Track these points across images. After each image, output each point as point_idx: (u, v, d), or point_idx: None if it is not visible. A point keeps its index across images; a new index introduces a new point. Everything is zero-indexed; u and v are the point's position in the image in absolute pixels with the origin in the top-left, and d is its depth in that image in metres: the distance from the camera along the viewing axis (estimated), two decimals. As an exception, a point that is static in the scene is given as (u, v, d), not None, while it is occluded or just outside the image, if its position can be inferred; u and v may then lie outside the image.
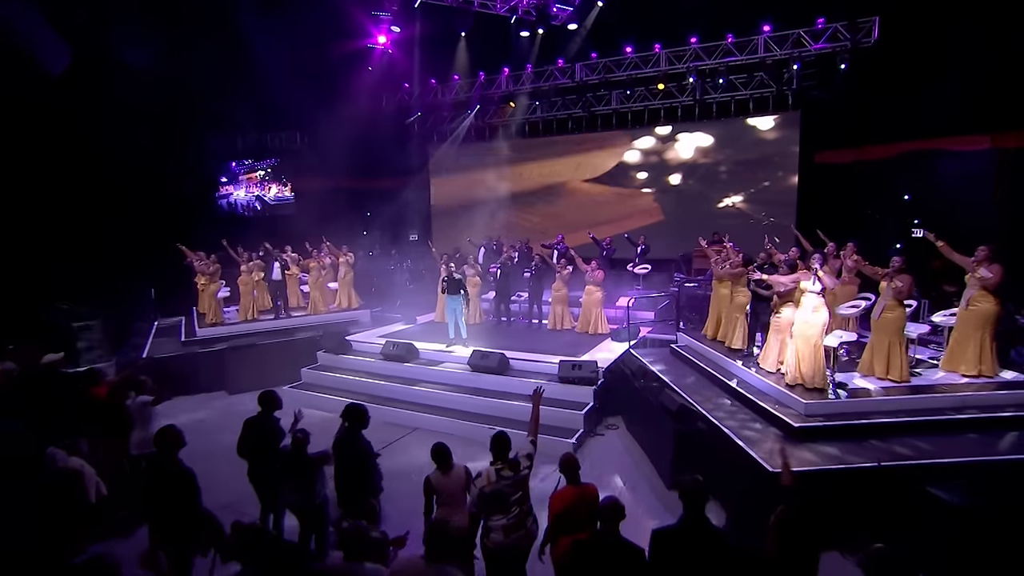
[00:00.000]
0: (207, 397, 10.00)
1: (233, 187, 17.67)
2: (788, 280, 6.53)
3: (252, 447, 4.83)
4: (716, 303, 8.73)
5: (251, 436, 4.86)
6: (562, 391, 7.98)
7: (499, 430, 4.08)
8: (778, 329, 6.80)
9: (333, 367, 10.12)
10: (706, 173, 14.65)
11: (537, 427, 4.19)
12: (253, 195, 17.83)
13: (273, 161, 17.68)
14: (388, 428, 8.29)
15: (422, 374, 9.22)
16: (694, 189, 14.85)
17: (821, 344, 6.14)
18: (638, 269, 12.92)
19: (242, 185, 17.67)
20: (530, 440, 4.02)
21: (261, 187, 17.88)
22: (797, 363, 6.20)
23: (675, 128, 14.82)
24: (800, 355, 6.17)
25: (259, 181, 17.89)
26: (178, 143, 15.23)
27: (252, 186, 17.77)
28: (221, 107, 15.33)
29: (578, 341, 10.06)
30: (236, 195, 17.68)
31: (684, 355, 8.49)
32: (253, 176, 17.70)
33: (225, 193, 17.68)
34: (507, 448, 3.93)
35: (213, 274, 11.43)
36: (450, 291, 9.67)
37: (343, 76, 15.88)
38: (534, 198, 17.00)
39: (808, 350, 6.12)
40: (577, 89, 15.23)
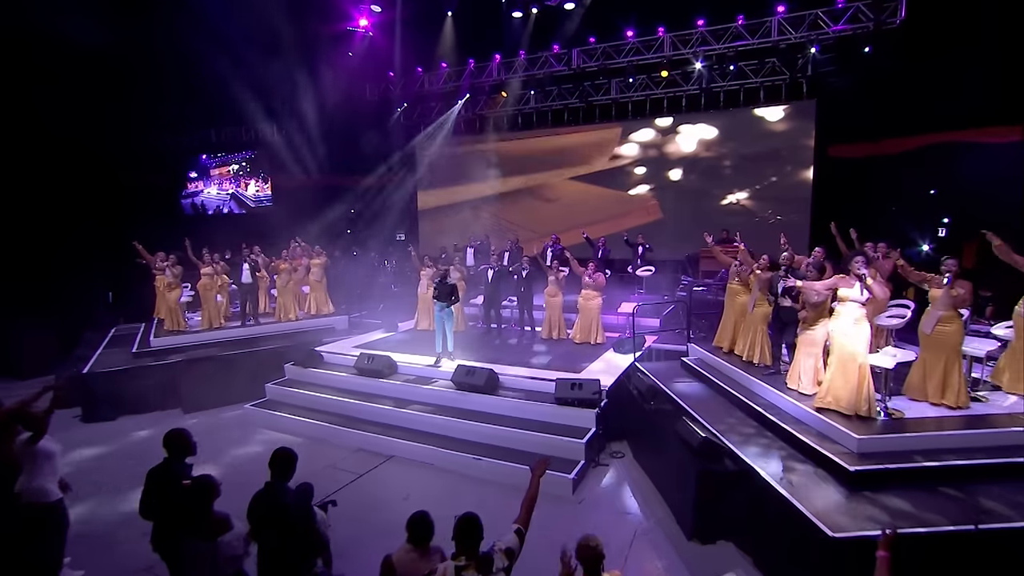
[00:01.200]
0: (159, 416, 8.86)
1: (203, 183, 16.46)
2: (823, 287, 5.52)
3: (155, 506, 3.72)
4: (731, 311, 7.72)
5: (153, 491, 3.74)
6: (559, 414, 6.93)
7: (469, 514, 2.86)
8: (810, 344, 5.79)
9: (302, 382, 9.03)
10: (709, 168, 13.65)
11: (531, 511, 3.02)
12: (227, 192, 16.63)
13: (248, 154, 16.51)
14: (360, 456, 7.26)
15: (401, 392, 8.14)
16: (695, 185, 13.84)
17: (867, 364, 5.13)
18: (641, 271, 11.89)
19: (213, 181, 16.47)
20: (515, 529, 2.88)
21: (236, 183, 16.70)
22: (833, 385, 5.20)
23: (676, 120, 13.82)
24: (840, 377, 5.16)
25: (233, 176, 16.72)
26: (139, 131, 14.05)
27: (225, 182, 16.58)
28: (188, 94, 14.17)
29: (575, 352, 9.02)
30: (207, 192, 16.47)
31: (698, 371, 7.47)
32: (225, 170, 16.51)
33: (193, 190, 16.47)
34: (477, 537, 2.76)
35: (174, 277, 10.28)
36: (440, 297, 8.53)
37: (322, 63, 14.75)
38: (527, 195, 15.93)
39: (851, 371, 5.11)
40: (574, 77, 14.18)
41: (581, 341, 9.49)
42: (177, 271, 10.22)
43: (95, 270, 12.61)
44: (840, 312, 5.23)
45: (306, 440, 7.78)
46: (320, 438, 7.76)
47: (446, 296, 8.48)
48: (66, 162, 12.77)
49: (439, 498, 6.08)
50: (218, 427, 8.36)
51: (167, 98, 13.96)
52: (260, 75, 14.05)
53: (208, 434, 7.99)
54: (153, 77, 13.43)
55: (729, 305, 7.78)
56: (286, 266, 11.22)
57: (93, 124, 13.11)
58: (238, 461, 7.12)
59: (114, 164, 14.00)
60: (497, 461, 6.41)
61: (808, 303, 5.70)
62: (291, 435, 7.96)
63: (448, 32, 14.04)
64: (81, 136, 12.87)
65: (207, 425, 8.44)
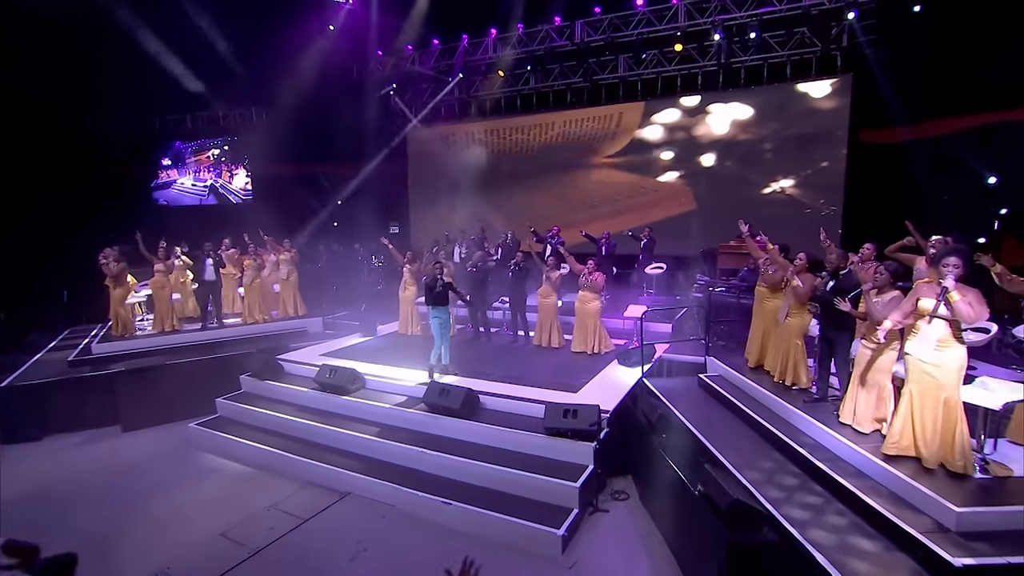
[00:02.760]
0: (92, 435, 7.75)
1: (178, 171, 15.28)
2: (906, 311, 4.06)
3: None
4: (760, 319, 6.40)
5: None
6: (549, 447, 5.66)
7: None
8: (874, 370, 4.46)
9: (258, 397, 7.84)
10: (747, 152, 12.04)
11: None
12: (204, 184, 15.43)
13: (226, 139, 15.31)
14: (310, 493, 6.04)
15: (365, 413, 6.91)
16: (733, 171, 12.23)
17: (960, 401, 3.81)
18: (650, 269, 10.57)
19: (189, 169, 15.29)
20: None
21: (216, 172, 15.52)
22: (911, 427, 3.89)
23: (705, 98, 12.24)
24: (921, 417, 3.85)
25: (214, 164, 15.53)
26: (103, 113, 12.88)
27: (203, 170, 15.39)
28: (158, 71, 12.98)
29: (573, 365, 7.75)
30: (180, 183, 15.29)
31: (719, 392, 6.16)
32: (204, 157, 15.32)
33: (166, 180, 15.29)
34: None
35: (118, 275, 9.10)
36: (435, 301, 7.24)
37: (303, 39, 13.50)
38: (532, 184, 14.53)
39: (937, 411, 3.80)
40: (577, 53, 12.80)
41: (580, 350, 8.22)
42: (120, 268, 9.03)
43: (50, 265, 11.50)
44: (920, 330, 3.90)
45: (253, 469, 6.61)
46: (269, 467, 6.56)
47: (442, 299, 7.21)
48: (17, 145, 11.64)
49: (394, 553, 4.88)
50: (153, 451, 7.19)
51: (132, 75, 12.76)
52: (235, 51, 12.87)
53: (140, 462, 6.91)
54: (116, 51, 12.23)
55: (758, 312, 6.46)
56: (251, 262, 10.01)
57: (48, 103, 12.01)
58: (162, 507, 5.89)
59: (75, 149, 12.86)
60: (469, 507, 5.16)
61: (873, 317, 4.37)
62: (237, 462, 6.79)
63: (438, 4, 12.70)
64: (34, 117, 11.77)
65: (142, 449, 7.28)
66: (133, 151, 14.70)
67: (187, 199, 15.36)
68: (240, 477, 6.47)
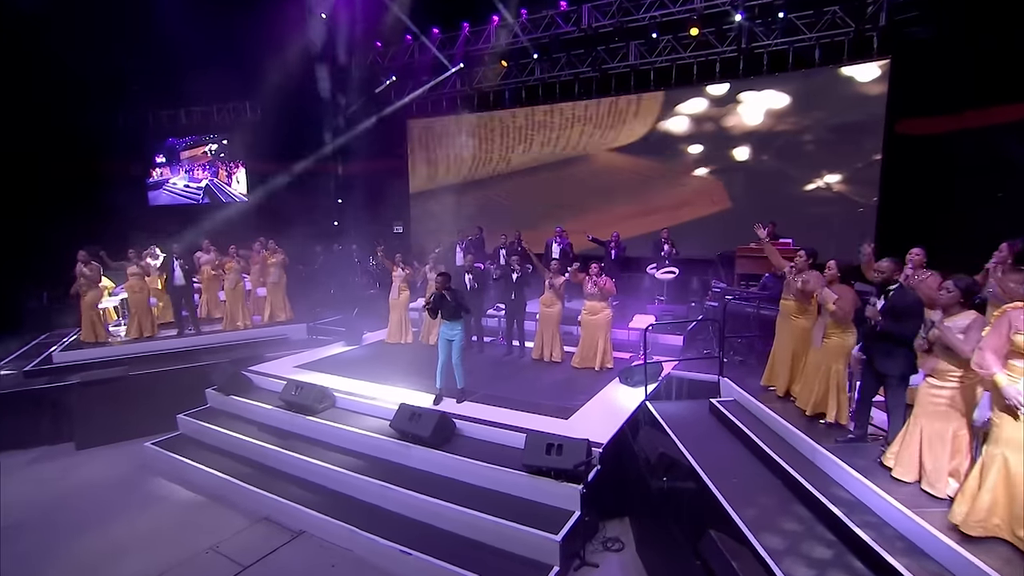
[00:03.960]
0: (45, 452, 7.17)
1: (171, 170, 14.80)
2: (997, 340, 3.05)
3: None
4: (786, 338, 5.47)
5: None
6: (530, 487, 4.83)
7: None
8: (942, 416, 3.52)
9: (223, 413, 7.17)
10: (786, 144, 10.82)
11: None
12: (200, 182, 14.91)
13: (221, 136, 14.78)
14: (261, 531, 5.32)
15: (331, 436, 6.16)
16: (771, 166, 11.00)
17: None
18: (661, 274, 9.63)
19: (182, 167, 14.80)
20: None
21: (212, 171, 15.00)
22: (997, 497, 2.96)
23: (734, 86, 11.07)
24: (1012, 484, 2.92)
25: (208, 162, 15.01)
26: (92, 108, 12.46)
27: (197, 169, 14.88)
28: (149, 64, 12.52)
29: (571, 382, 6.90)
30: (172, 183, 14.81)
31: (734, 423, 5.25)
32: (197, 153, 14.80)
33: (160, 179, 14.82)
34: None
35: (90, 278, 8.53)
36: (446, 315, 6.18)
37: (297, 31, 12.89)
38: (540, 181, 13.57)
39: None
40: (585, 40, 11.89)
41: (582, 366, 7.35)
42: (91, 271, 8.46)
43: (29, 265, 11.06)
44: (1013, 369, 2.97)
45: (205, 499, 5.92)
46: (222, 496, 5.86)
47: (454, 313, 6.15)
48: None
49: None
50: (104, 473, 6.57)
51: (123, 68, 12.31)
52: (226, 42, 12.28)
53: (86, 485, 6.30)
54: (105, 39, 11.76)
55: (783, 329, 5.53)
56: (232, 265, 9.37)
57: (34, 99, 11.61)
58: (96, 541, 5.22)
59: (66, 145, 12.46)
60: (432, 560, 4.37)
61: (940, 346, 3.44)
62: (189, 489, 6.12)
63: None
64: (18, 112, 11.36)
65: (92, 470, 6.67)
66: (126, 148, 14.26)
67: (180, 201, 14.86)
68: (189, 507, 5.78)
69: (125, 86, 13.66)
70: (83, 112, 12.92)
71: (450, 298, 6.08)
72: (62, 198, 12.29)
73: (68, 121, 12.68)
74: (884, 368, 4.00)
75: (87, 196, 12.91)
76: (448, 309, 6.10)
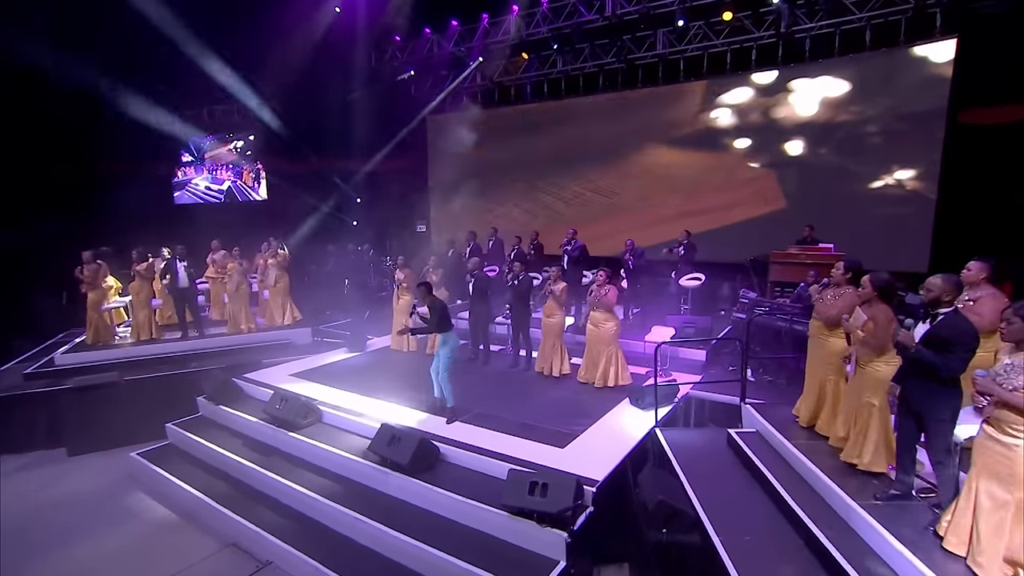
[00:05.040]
0: (39, 458, 7.06)
1: (195, 170, 14.87)
2: None
3: None
4: (817, 364, 4.71)
5: None
6: (511, 529, 4.25)
7: None
8: (998, 480, 2.77)
9: (212, 424, 6.89)
10: (847, 137, 9.65)
11: None
12: (222, 183, 14.92)
13: (243, 135, 14.73)
14: (230, 557, 4.96)
15: (312, 456, 5.75)
16: (829, 162, 9.88)
17: None
18: (685, 280, 8.86)
19: (206, 166, 14.84)
20: None
21: (235, 171, 14.98)
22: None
23: (784, 73, 10.05)
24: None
25: (233, 162, 15.00)
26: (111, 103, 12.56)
27: (220, 169, 14.89)
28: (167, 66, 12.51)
29: (575, 400, 6.30)
30: (196, 182, 14.88)
31: (753, 462, 4.52)
32: (223, 151, 14.79)
33: (184, 178, 14.92)
34: None
35: (93, 279, 8.44)
36: (438, 327, 5.79)
37: (315, 26, 12.63)
38: (566, 180, 12.89)
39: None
40: (610, 29, 11.15)
41: (587, 381, 6.72)
42: (94, 272, 8.36)
43: (51, 264, 11.18)
44: None
45: (179, 520, 5.60)
46: (196, 517, 5.53)
47: (432, 323, 5.71)
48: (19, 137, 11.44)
49: None
50: (90, 484, 6.37)
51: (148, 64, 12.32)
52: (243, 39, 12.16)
53: (68, 496, 6.10)
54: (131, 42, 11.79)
55: (814, 353, 4.76)
56: (234, 266, 9.14)
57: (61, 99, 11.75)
58: (59, 563, 4.96)
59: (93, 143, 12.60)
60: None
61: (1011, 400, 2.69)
62: (165, 507, 5.83)
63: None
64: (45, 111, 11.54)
65: (79, 479, 6.48)
66: (152, 147, 14.37)
67: (201, 201, 14.93)
68: (161, 528, 5.47)
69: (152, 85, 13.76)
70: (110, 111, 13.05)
71: (427, 311, 5.63)
72: (86, 197, 12.42)
73: (93, 121, 12.81)
74: (921, 408, 3.24)
75: (112, 195, 13.04)
76: (429, 324, 5.62)
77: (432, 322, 5.64)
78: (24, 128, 11.63)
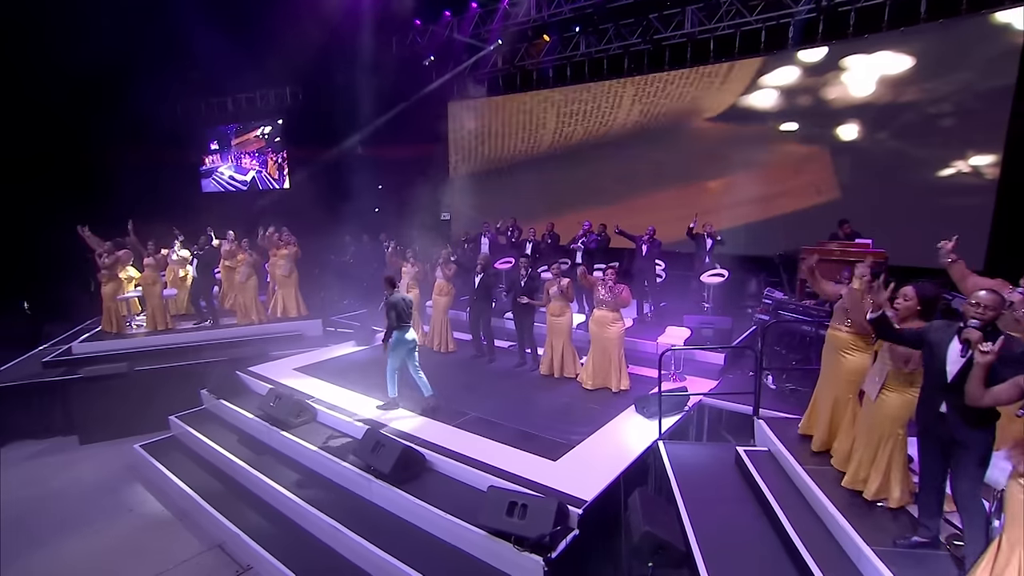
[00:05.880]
0: (52, 445, 7.22)
1: (222, 157, 15.05)
2: None
3: None
4: (832, 378, 4.21)
5: None
6: (489, 550, 3.97)
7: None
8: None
9: (213, 418, 6.89)
10: (911, 120, 8.54)
11: None
12: (247, 173, 15.05)
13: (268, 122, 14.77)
14: (213, 560, 4.91)
15: (302, 456, 5.62)
16: (889, 148, 8.79)
17: None
18: (707, 276, 8.31)
19: (231, 155, 14.99)
20: None
21: (260, 159, 15.08)
22: None
23: (834, 49, 9.05)
24: None
25: (259, 150, 15.10)
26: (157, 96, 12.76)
27: (245, 157, 15.01)
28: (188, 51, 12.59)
29: (578, 406, 5.96)
30: (221, 171, 15.05)
31: (760, 487, 4.08)
32: (250, 138, 14.88)
33: (212, 166, 15.12)
34: None
35: (110, 268, 8.56)
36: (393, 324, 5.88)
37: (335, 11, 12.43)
38: (590, 169, 12.30)
39: None
40: (634, 7, 10.49)
41: (592, 386, 6.35)
42: (112, 261, 8.46)
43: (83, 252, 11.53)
44: None
45: (170, 517, 5.58)
46: (187, 515, 5.51)
47: (390, 321, 5.79)
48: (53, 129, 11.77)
49: None
50: (94, 473, 6.46)
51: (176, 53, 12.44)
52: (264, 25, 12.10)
53: (71, 485, 6.21)
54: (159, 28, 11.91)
55: (828, 366, 4.26)
56: (244, 257, 9.12)
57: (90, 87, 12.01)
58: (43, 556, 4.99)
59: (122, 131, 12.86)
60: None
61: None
62: (161, 503, 5.83)
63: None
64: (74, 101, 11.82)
65: (84, 468, 6.59)
66: (180, 136, 14.61)
67: (228, 190, 15.11)
68: (151, 525, 5.45)
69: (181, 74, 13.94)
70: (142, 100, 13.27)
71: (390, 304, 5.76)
72: (116, 185, 12.69)
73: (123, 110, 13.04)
74: (959, 434, 2.73)
75: (143, 183, 13.32)
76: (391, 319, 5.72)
77: (390, 320, 5.71)
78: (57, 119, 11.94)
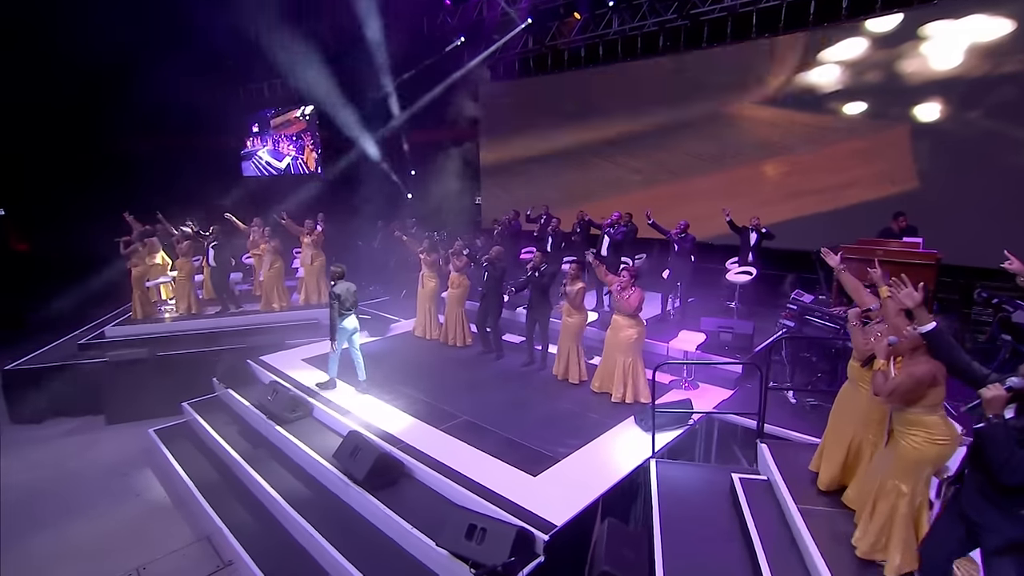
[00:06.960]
0: (82, 424, 7.64)
1: (261, 140, 15.38)
2: None
3: None
4: (848, 413, 3.69)
5: None
6: (450, 571, 3.80)
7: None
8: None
9: (222, 406, 7.05)
10: (1011, 95, 7.40)
11: None
12: (283, 158, 15.32)
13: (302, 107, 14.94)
14: (199, 552, 5.02)
15: (293, 452, 5.63)
16: (981, 128, 7.70)
17: None
18: (734, 275, 7.71)
19: (270, 137, 15.28)
20: None
21: (298, 145, 15.30)
22: None
23: (910, 17, 7.94)
24: None
25: (298, 133, 15.32)
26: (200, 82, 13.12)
27: (283, 140, 15.27)
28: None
29: (578, 413, 5.67)
30: (259, 155, 15.39)
31: (749, 526, 3.68)
32: (292, 116, 15.08)
33: (252, 149, 15.49)
34: None
35: (133, 254, 8.88)
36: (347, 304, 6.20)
37: None
38: (627, 154, 11.64)
39: None
40: (670, -21, 9.74)
41: (600, 391, 6.02)
42: (135, 248, 8.78)
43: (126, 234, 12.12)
44: None
45: (170, 505, 5.76)
46: (184, 504, 5.68)
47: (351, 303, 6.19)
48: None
49: None
50: (112, 454, 6.78)
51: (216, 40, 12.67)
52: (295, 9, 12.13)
53: (89, 466, 6.51)
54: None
55: (844, 400, 3.75)
56: (266, 246, 9.26)
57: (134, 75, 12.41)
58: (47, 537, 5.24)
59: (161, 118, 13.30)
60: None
61: None
62: (165, 490, 6.03)
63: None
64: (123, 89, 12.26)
65: (105, 449, 6.93)
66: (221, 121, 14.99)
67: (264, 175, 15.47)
68: (152, 512, 5.63)
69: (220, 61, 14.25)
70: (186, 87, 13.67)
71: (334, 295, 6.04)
72: (158, 170, 13.20)
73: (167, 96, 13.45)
74: (973, 513, 2.27)
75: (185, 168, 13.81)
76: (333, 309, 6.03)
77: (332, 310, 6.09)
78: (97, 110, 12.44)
